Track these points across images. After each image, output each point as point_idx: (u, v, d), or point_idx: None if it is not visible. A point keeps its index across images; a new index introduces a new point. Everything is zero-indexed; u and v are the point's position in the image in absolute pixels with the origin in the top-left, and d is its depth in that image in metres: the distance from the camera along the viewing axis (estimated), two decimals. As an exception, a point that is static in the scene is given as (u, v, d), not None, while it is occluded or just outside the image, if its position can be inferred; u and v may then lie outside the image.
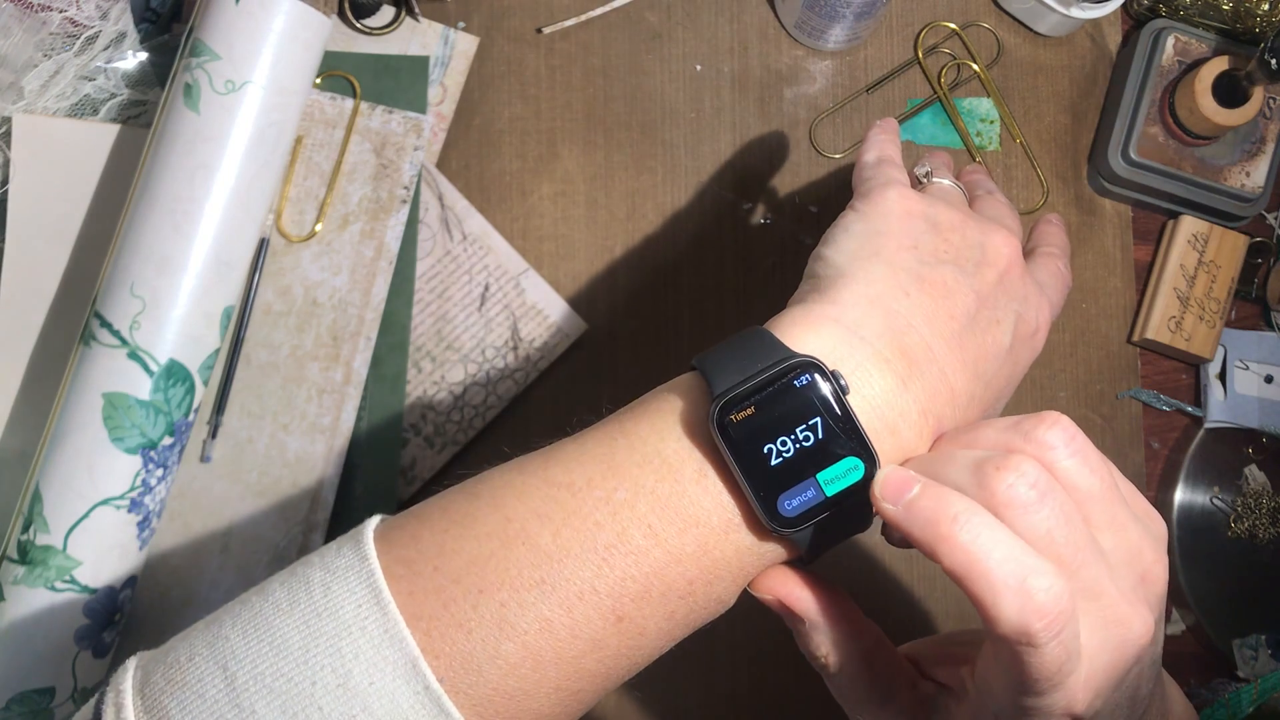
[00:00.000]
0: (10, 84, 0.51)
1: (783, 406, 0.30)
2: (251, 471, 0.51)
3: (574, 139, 0.59)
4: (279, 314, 0.51)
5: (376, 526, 0.31)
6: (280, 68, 0.46)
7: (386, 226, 0.52)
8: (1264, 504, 0.61)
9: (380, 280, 0.52)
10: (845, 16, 0.56)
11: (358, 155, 0.53)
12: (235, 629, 0.29)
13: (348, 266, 0.52)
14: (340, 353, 0.51)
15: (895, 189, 0.37)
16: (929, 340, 0.33)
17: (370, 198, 0.53)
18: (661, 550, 0.30)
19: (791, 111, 0.60)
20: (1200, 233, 0.60)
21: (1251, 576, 0.61)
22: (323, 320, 0.52)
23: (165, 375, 0.45)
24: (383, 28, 0.56)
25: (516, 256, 0.56)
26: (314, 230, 0.52)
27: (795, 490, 0.30)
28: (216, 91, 0.45)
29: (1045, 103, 0.62)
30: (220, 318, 0.46)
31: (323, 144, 0.53)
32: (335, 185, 0.52)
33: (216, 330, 0.46)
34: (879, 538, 0.58)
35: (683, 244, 0.59)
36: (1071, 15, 0.59)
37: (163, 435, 0.45)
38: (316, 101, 0.53)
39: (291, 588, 0.30)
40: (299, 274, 0.52)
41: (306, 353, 0.51)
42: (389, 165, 0.53)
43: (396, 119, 0.53)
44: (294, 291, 0.52)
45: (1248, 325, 0.63)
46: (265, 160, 0.47)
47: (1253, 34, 0.60)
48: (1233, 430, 0.61)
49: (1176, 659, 0.60)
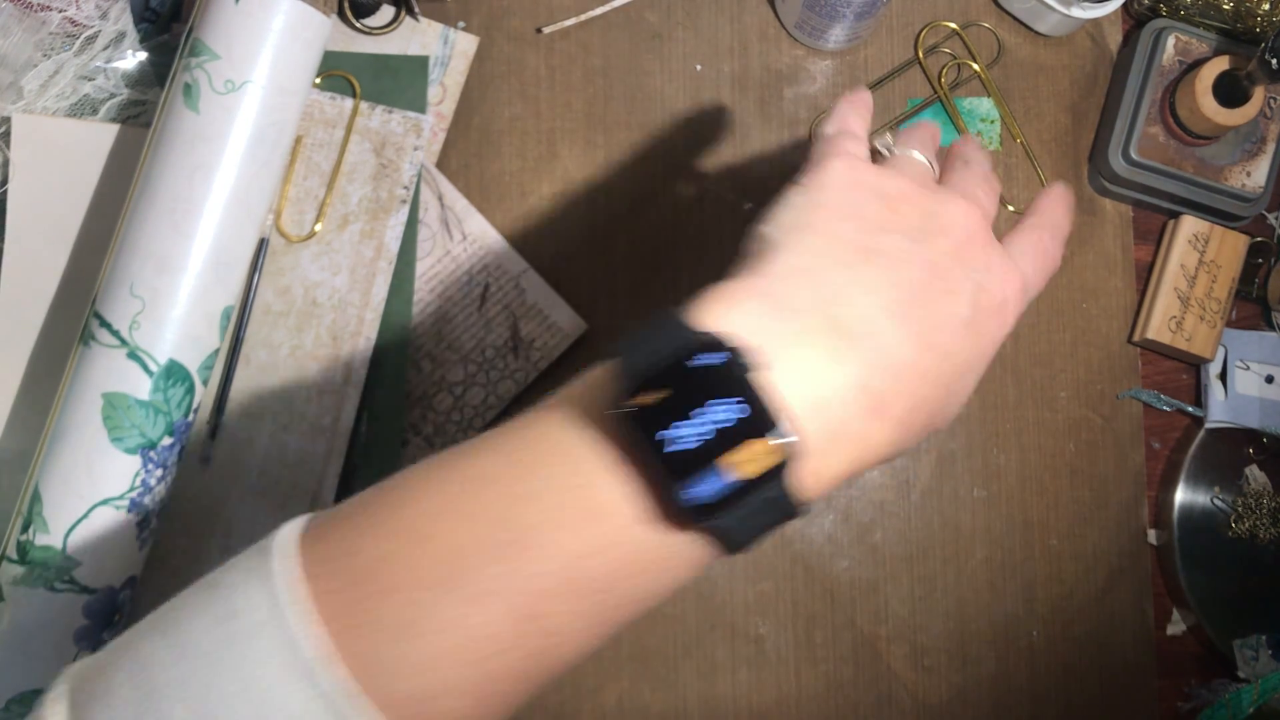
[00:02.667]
0: (10, 84, 0.51)
1: (688, 388, 0.28)
2: (251, 472, 0.51)
3: (574, 139, 0.59)
4: (279, 314, 0.51)
5: (306, 524, 0.30)
6: (280, 67, 0.46)
7: (386, 226, 0.52)
8: (1264, 504, 0.61)
9: (380, 280, 0.52)
10: (845, 16, 0.56)
11: (357, 155, 0.53)
12: (153, 634, 0.28)
13: (347, 266, 0.52)
14: (340, 353, 0.51)
15: (843, 160, 0.35)
16: (867, 312, 0.31)
17: (370, 198, 0.53)
18: (571, 545, 0.29)
19: (792, 111, 0.60)
20: (1201, 233, 0.60)
21: (1252, 577, 0.61)
22: (322, 320, 0.52)
23: (165, 375, 0.45)
24: (382, 27, 0.56)
25: (516, 256, 0.56)
26: (314, 230, 0.52)
27: (706, 476, 0.28)
28: (216, 91, 0.45)
29: (1046, 102, 0.62)
30: (220, 318, 0.46)
31: (322, 144, 0.53)
32: (335, 185, 0.52)
33: (216, 330, 0.46)
34: (878, 538, 0.58)
35: (683, 244, 0.59)
36: (1072, 15, 0.59)
37: (162, 435, 0.45)
38: (316, 101, 0.53)
39: (205, 590, 0.29)
40: (299, 274, 0.52)
41: (306, 353, 0.51)
42: (389, 165, 0.53)
43: (396, 119, 0.53)
44: (294, 291, 0.52)
45: (1248, 325, 0.63)
46: (265, 160, 0.47)
47: (1253, 34, 0.60)
48: (1233, 430, 0.61)
49: (1177, 659, 0.60)
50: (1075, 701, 0.58)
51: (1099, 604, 0.59)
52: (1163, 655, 0.60)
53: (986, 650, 0.58)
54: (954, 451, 0.59)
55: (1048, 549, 0.59)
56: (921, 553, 0.59)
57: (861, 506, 0.58)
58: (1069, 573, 0.59)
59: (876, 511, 0.59)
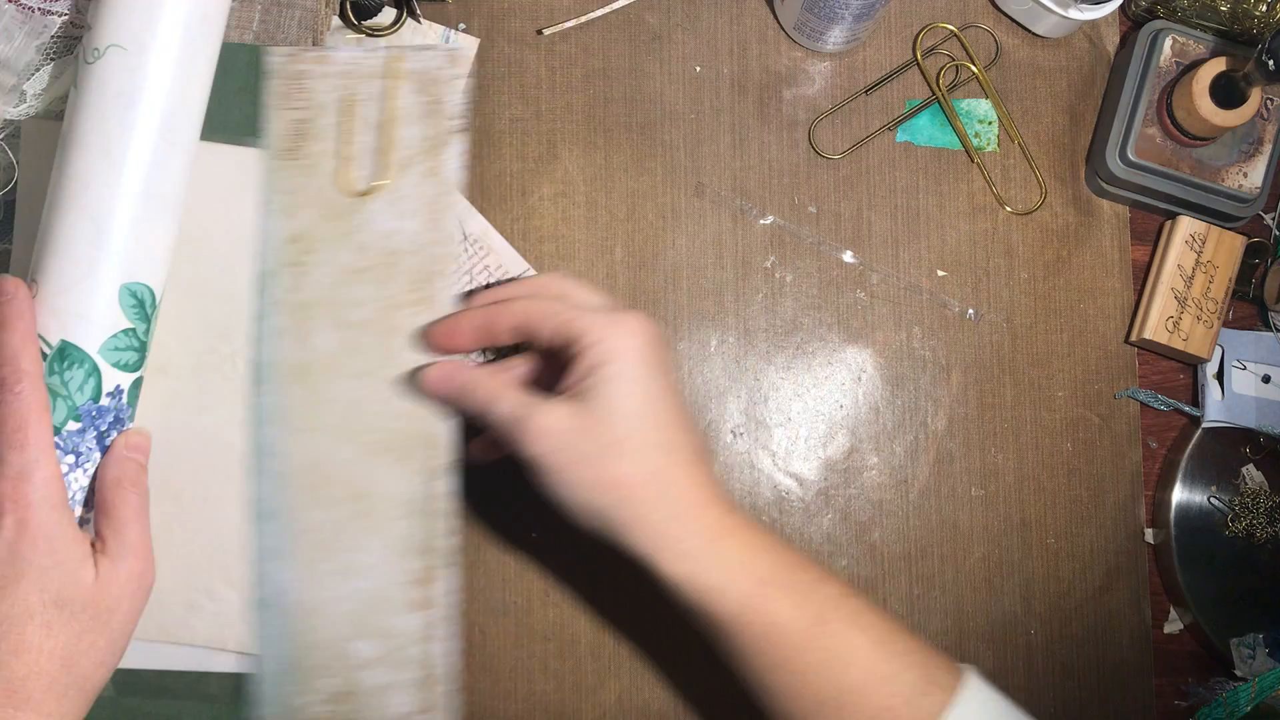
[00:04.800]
0: (12, 87, 0.51)
1: None
2: (369, 431, 0.50)
3: (574, 140, 0.59)
4: (360, 270, 0.51)
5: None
6: (138, 28, 0.44)
7: (444, 161, 0.52)
8: (1261, 503, 0.61)
9: (450, 215, 0.52)
10: (844, 18, 0.57)
11: (403, 100, 0.53)
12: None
13: (417, 209, 0.52)
14: (425, 295, 0.51)
15: None
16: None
17: (424, 137, 0.52)
18: None
19: (790, 113, 0.61)
20: (1198, 233, 0.60)
21: (1249, 576, 0.61)
22: (404, 266, 0.51)
23: (59, 358, 0.44)
24: (384, 30, 0.57)
25: (517, 256, 0.57)
26: (377, 183, 0.52)
27: None
28: (86, 63, 0.44)
29: (1043, 104, 0.62)
30: (121, 297, 0.45)
31: (368, 97, 0.53)
32: (388, 134, 0.53)
33: (117, 310, 0.45)
34: (876, 537, 0.59)
35: (683, 244, 0.59)
36: (1069, 17, 0.59)
37: (65, 420, 0.44)
38: (356, 58, 0.53)
39: None
40: (372, 228, 0.52)
41: (395, 302, 0.51)
42: (435, 101, 0.53)
43: (432, 55, 0.53)
44: (370, 246, 0.52)
45: (1245, 325, 0.63)
46: (159, 128, 0.45)
47: (1250, 35, 0.60)
48: (1230, 430, 0.61)
49: (1174, 658, 0.60)
50: (1072, 700, 0.59)
51: (1096, 602, 0.60)
52: (1160, 654, 0.60)
53: (984, 648, 0.58)
54: (952, 451, 0.60)
55: (1045, 548, 0.60)
56: (920, 551, 0.59)
57: (860, 505, 0.59)
58: (1067, 571, 0.60)
59: (875, 510, 0.59)
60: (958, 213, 0.61)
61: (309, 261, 0.51)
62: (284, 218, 0.51)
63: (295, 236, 0.51)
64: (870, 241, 0.60)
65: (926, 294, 0.60)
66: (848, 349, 0.60)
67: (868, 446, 0.59)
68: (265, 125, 0.52)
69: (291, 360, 0.51)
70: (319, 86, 0.52)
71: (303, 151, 0.52)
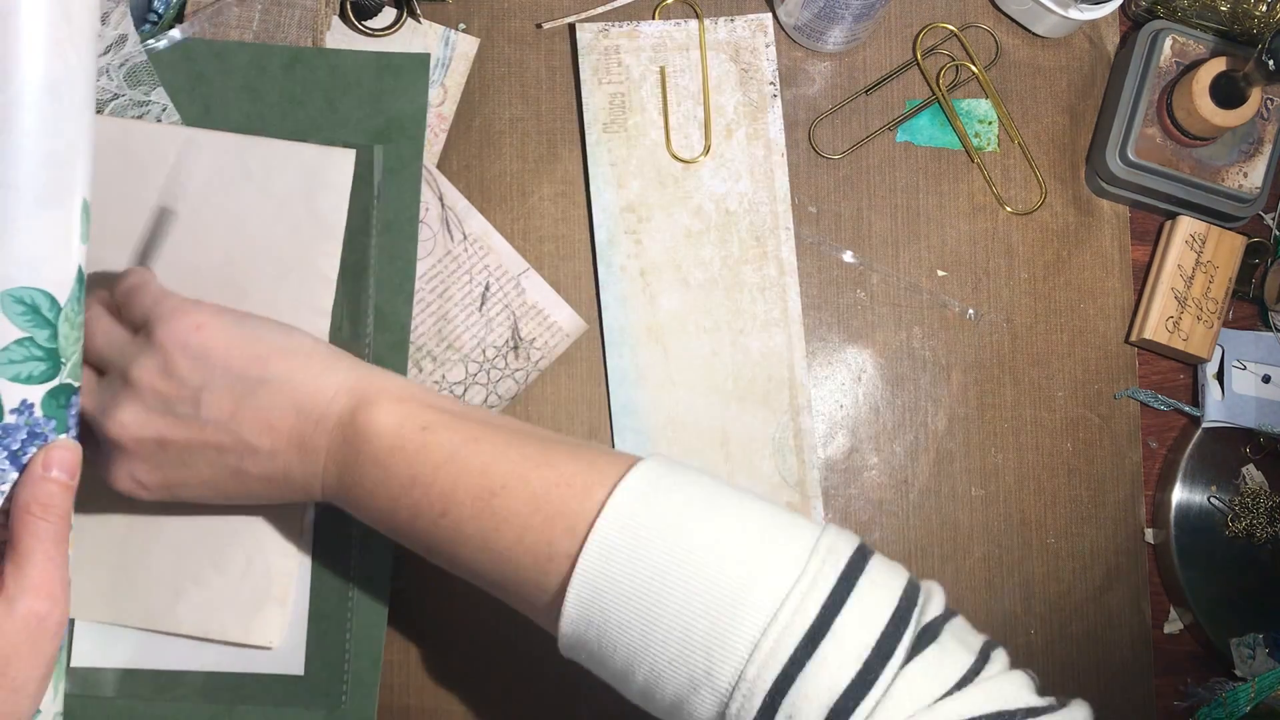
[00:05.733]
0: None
1: None
2: (726, 380, 0.55)
3: (574, 140, 0.59)
4: (699, 232, 0.56)
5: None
6: None
7: (767, 124, 0.57)
8: (1261, 503, 0.61)
9: (779, 173, 0.57)
10: (844, 18, 0.57)
11: (717, 68, 0.57)
12: None
13: (745, 170, 0.56)
14: (766, 250, 0.56)
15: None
16: None
17: (743, 102, 0.57)
18: None
19: (791, 113, 0.61)
20: (1198, 233, 0.60)
21: (1249, 576, 0.61)
22: (740, 225, 0.56)
23: None
24: (384, 29, 0.57)
25: (517, 256, 0.57)
26: (705, 148, 0.56)
27: None
28: None
29: (1043, 104, 0.62)
30: (4, 305, 0.40)
31: (683, 68, 0.57)
32: (708, 101, 0.57)
33: (3, 320, 0.40)
34: (876, 536, 0.59)
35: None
36: (1069, 17, 0.60)
37: None
38: (664, 30, 0.57)
39: None
40: (705, 191, 0.56)
41: (736, 259, 0.56)
42: (749, 68, 0.57)
43: (739, 24, 0.58)
44: (705, 208, 0.56)
45: (1245, 325, 0.63)
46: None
47: (1250, 35, 0.60)
48: (1230, 430, 0.61)
49: (1174, 658, 0.60)
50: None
51: (1096, 602, 0.60)
52: (1160, 654, 0.60)
53: (984, 648, 0.58)
54: (952, 450, 0.60)
55: (1045, 547, 0.60)
56: (920, 551, 0.59)
57: (860, 505, 0.59)
58: (1067, 571, 0.60)
59: (875, 510, 0.59)
60: (958, 213, 0.61)
61: (644, 229, 0.56)
62: (615, 188, 0.56)
63: (629, 206, 0.56)
64: (870, 241, 0.60)
65: (926, 294, 0.60)
66: (848, 349, 0.60)
67: (868, 446, 0.59)
68: (583, 101, 0.57)
69: (643, 323, 0.55)
70: (632, 61, 0.56)
71: (624, 123, 0.56)
